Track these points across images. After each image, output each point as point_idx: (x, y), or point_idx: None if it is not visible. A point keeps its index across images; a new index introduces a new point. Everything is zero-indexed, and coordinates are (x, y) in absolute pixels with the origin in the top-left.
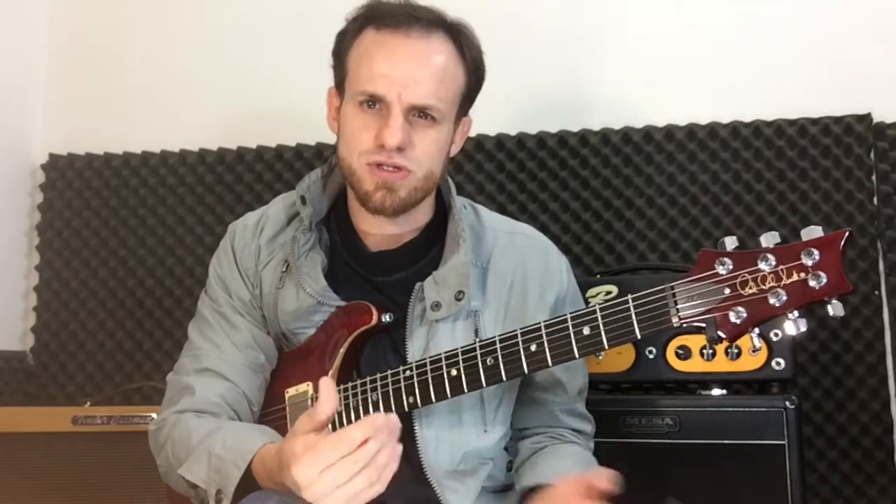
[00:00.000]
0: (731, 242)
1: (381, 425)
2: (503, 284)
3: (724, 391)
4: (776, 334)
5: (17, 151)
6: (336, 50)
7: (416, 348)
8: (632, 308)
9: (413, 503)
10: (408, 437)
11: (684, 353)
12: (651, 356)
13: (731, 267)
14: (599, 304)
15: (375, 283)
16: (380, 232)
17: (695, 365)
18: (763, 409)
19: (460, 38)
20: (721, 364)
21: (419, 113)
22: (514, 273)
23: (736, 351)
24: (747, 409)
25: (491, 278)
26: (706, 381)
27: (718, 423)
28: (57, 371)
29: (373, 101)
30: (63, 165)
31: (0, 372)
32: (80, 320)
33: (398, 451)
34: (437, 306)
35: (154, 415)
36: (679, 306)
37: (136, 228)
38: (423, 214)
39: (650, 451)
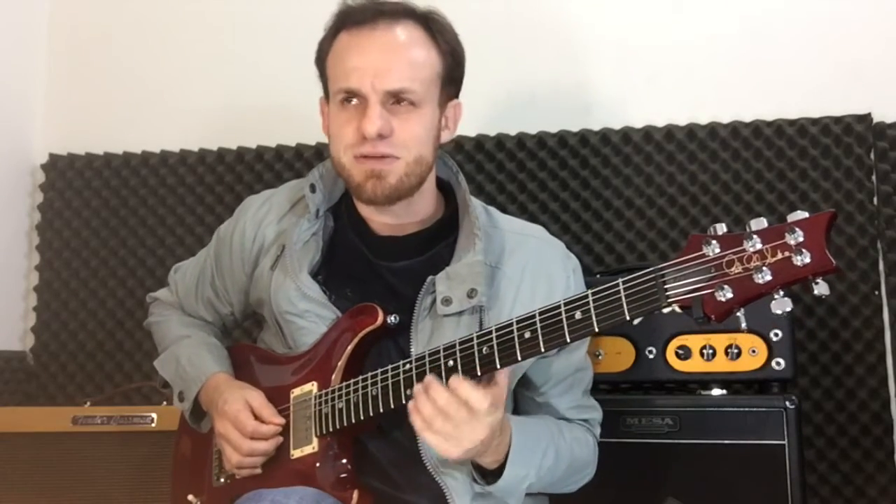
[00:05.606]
0: (720, 228)
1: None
2: (511, 284)
3: (724, 391)
4: (776, 334)
5: (17, 151)
6: (317, 60)
7: (420, 340)
8: (622, 290)
9: (419, 489)
10: (407, 426)
11: (684, 353)
12: (651, 356)
13: (717, 249)
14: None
15: (379, 268)
16: (382, 222)
17: (695, 365)
18: (763, 409)
19: (430, 24)
20: (721, 364)
21: (396, 99)
22: (522, 274)
23: (736, 351)
24: (747, 409)
25: (500, 277)
26: (706, 381)
27: (718, 423)
28: (57, 371)
29: (351, 97)
30: (63, 165)
31: (0, 372)
32: (80, 320)
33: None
34: (447, 301)
35: (154, 414)
36: (667, 286)
37: (136, 228)
38: (424, 206)
39: (650, 450)
